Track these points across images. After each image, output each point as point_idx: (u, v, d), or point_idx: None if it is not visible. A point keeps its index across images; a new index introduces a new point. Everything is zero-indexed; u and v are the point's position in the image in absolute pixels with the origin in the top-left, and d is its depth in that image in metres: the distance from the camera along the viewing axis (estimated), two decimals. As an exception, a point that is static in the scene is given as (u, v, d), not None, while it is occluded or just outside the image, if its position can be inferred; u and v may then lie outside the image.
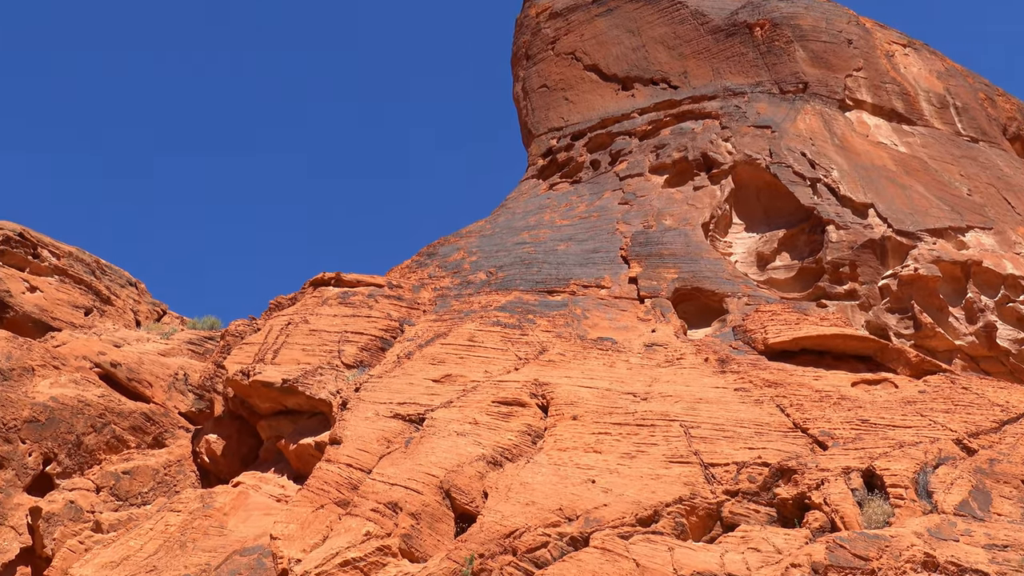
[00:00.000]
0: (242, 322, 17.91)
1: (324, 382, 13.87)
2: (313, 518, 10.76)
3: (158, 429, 18.30)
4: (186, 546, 12.96)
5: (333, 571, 9.40)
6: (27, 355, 17.66)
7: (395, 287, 16.49)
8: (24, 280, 22.04)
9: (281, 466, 14.50)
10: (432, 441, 11.12)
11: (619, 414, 11.48)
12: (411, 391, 12.65)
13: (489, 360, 13.39)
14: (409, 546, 9.74)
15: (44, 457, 16.54)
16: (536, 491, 9.82)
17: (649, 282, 15.89)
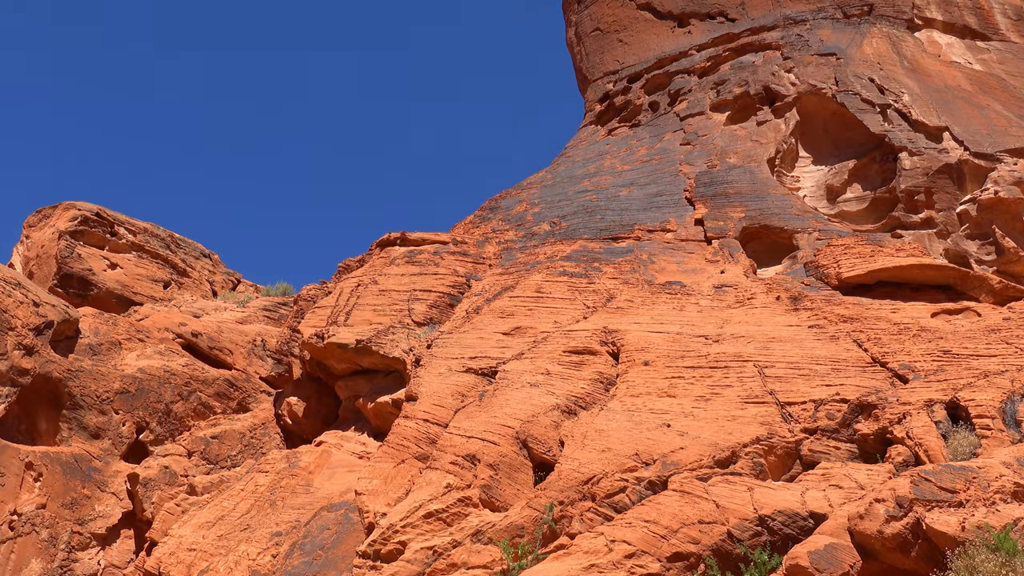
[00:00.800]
0: (313, 286, 18.27)
1: (396, 341, 14.10)
2: (395, 473, 11.04)
3: (241, 394, 18.91)
4: (276, 504, 13.45)
5: (417, 523, 9.65)
6: (113, 330, 18.36)
7: (460, 243, 16.57)
8: (104, 258, 22.83)
9: (361, 424, 14.86)
10: (506, 393, 11.24)
11: (691, 357, 11.41)
12: (482, 345, 12.77)
13: (558, 310, 13.41)
14: (489, 496, 9.92)
15: (137, 426, 17.29)
16: (611, 437, 9.87)
17: (716, 223, 15.64)
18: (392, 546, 9.57)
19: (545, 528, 9.19)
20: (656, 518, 8.48)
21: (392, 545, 9.57)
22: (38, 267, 22.31)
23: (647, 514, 8.58)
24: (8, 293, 16.53)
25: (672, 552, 8.19)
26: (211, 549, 13.14)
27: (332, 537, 11.82)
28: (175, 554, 13.51)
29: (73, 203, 23.36)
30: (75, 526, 15.76)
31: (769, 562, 7.90)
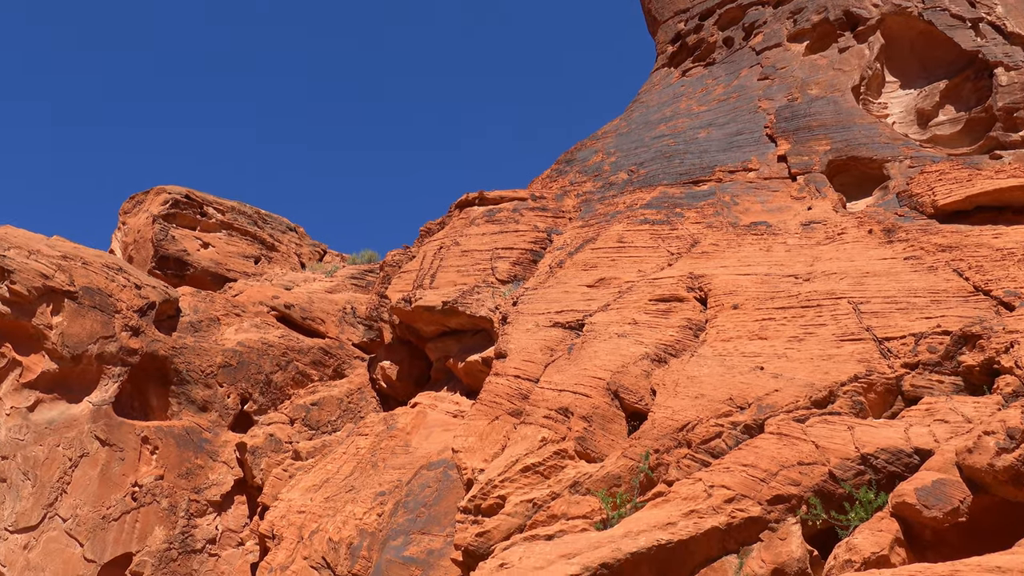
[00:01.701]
0: (397, 252, 18.55)
1: (482, 300, 14.22)
2: (490, 429, 11.21)
3: (336, 361, 19.45)
4: (377, 465, 13.86)
5: (515, 477, 9.80)
6: (211, 306, 19.07)
7: (538, 198, 16.52)
8: (197, 238, 23.65)
9: (453, 384, 15.12)
10: (594, 345, 11.24)
11: (782, 298, 11.16)
12: (567, 299, 12.77)
13: (641, 259, 13.28)
14: (584, 448, 9.99)
15: (241, 397, 18.00)
16: (704, 383, 9.78)
17: (800, 158, 15.15)
18: (492, 500, 9.75)
19: (642, 477, 9.21)
20: (754, 462, 8.40)
21: (492, 500, 9.76)
22: (136, 251, 23.27)
23: (745, 458, 8.50)
24: (111, 278, 17.31)
25: (772, 495, 8.11)
26: (319, 511, 13.66)
27: (433, 494, 12.13)
28: (286, 517, 14.10)
29: (163, 187, 24.21)
30: (192, 494, 16.60)
31: (875, 500, 7.75)
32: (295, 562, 13.09)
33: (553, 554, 8.21)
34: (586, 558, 7.89)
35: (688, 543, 8.02)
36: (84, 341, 16.26)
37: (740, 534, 8.08)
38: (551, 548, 8.42)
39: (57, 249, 17.23)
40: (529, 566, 8.08)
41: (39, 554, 14.88)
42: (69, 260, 16.95)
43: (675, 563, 8.01)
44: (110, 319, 16.75)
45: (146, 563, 15.63)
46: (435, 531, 11.54)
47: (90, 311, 16.54)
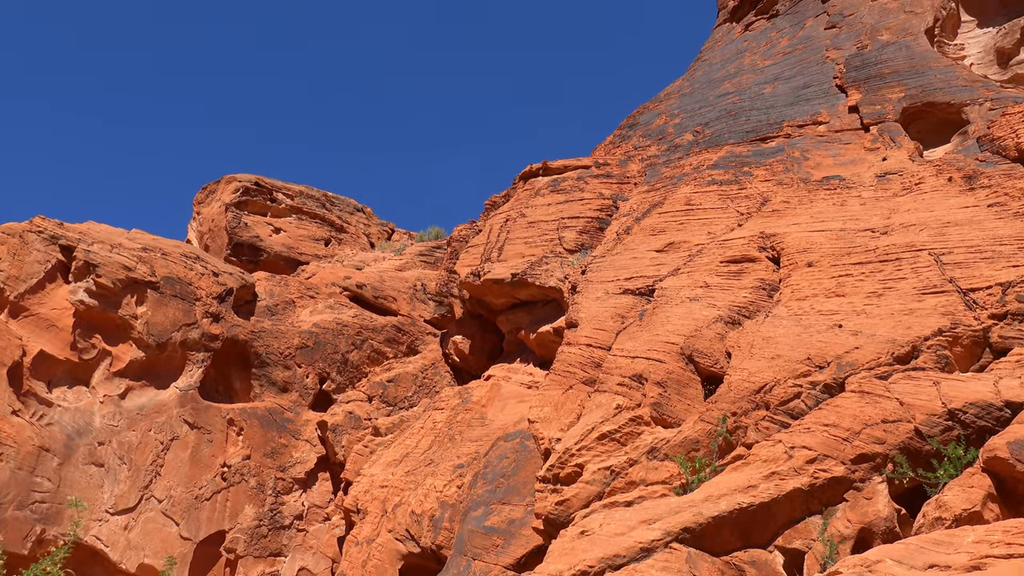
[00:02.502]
0: (464, 227, 18.62)
1: (550, 270, 14.19)
2: (564, 399, 11.23)
3: (409, 338, 19.70)
4: (455, 438, 14.03)
5: (592, 445, 9.81)
6: (285, 290, 19.49)
7: (602, 165, 16.36)
8: (268, 224, 24.15)
9: (525, 355, 15.17)
10: (666, 310, 11.12)
11: (858, 253, 10.85)
12: (636, 265, 12.65)
13: (710, 221, 13.05)
14: (660, 413, 9.93)
15: (319, 377, 18.41)
16: (780, 344, 9.60)
17: (872, 107, 14.63)
18: (570, 469, 9.79)
19: (720, 440, 9.12)
20: (836, 421, 8.23)
21: (570, 468, 9.79)
22: (211, 240, 23.90)
23: (826, 418, 8.33)
24: (190, 267, 17.83)
25: (856, 454, 7.94)
26: (401, 484, 13.92)
27: (511, 465, 12.23)
28: (369, 491, 14.42)
29: (234, 176, 24.75)
30: (278, 473, 17.10)
31: (964, 456, 7.52)
32: (380, 535, 13.39)
33: (633, 520, 8.21)
34: (667, 523, 7.87)
35: (770, 505, 7.92)
36: (168, 329, 16.82)
37: (823, 495, 7.94)
38: (631, 514, 8.42)
39: (137, 242, 17.81)
40: (610, 532, 8.09)
41: (138, 534, 15.56)
42: (149, 252, 17.51)
43: (757, 525, 7.93)
44: (191, 307, 17.28)
45: (239, 540, 16.20)
46: (515, 501, 11.65)
47: (172, 300, 17.09)
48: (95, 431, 15.88)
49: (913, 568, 5.60)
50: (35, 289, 16.38)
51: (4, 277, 16.09)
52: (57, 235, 16.92)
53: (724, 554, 7.83)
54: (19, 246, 16.48)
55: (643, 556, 7.59)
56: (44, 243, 16.73)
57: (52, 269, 16.65)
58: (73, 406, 15.99)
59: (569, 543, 8.26)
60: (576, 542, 8.18)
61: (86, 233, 17.31)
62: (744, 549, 7.86)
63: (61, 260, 16.78)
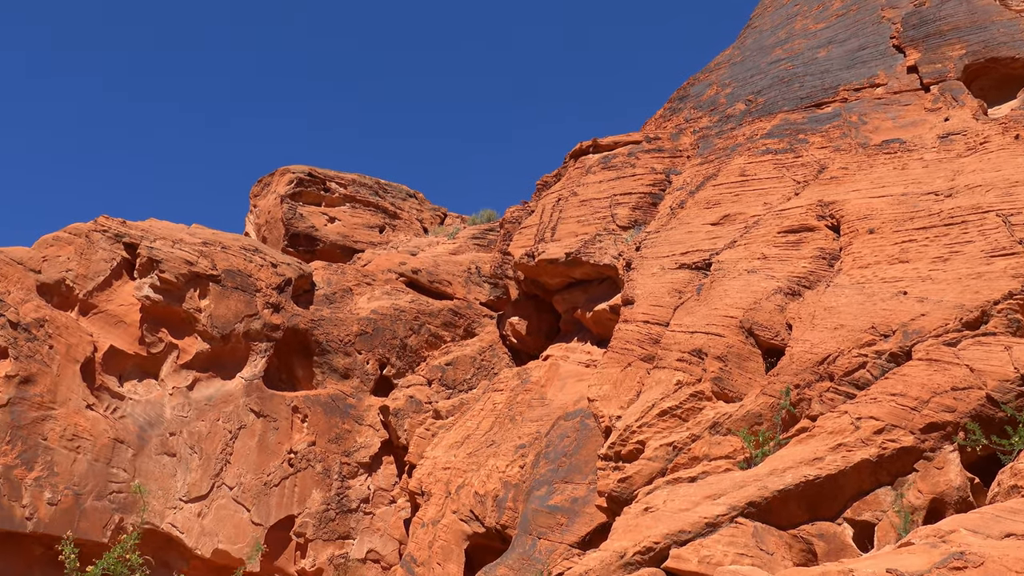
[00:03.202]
0: (516, 208, 18.61)
1: (604, 248, 14.12)
2: (623, 376, 11.19)
3: (465, 321, 19.82)
4: (515, 419, 14.11)
5: (653, 422, 9.76)
6: (342, 278, 19.76)
7: (653, 139, 16.17)
8: (323, 213, 24.46)
9: (583, 334, 15.14)
10: (723, 283, 10.98)
11: (922, 217, 10.54)
12: (691, 239, 12.51)
13: (766, 191, 12.82)
14: (721, 388, 9.83)
15: (379, 362, 18.66)
16: (843, 313, 9.41)
17: (932, 66, 14.16)
18: (631, 446, 9.76)
19: (783, 413, 8.99)
20: (903, 390, 8.04)
21: (631, 445, 9.77)
22: (268, 231, 24.31)
23: (893, 387, 8.16)
24: (249, 259, 18.17)
25: (926, 423, 7.76)
26: (463, 466, 14.06)
27: (573, 444, 12.26)
28: (432, 473, 14.59)
29: (287, 168, 25.09)
30: (343, 458, 17.41)
31: (1040, 422, 7.30)
32: (445, 516, 13.56)
33: (697, 495, 8.16)
34: (732, 498, 7.80)
35: (837, 477, 7.80)
36: (231, 321, 17.19)
37: (893, 465, 7.79)
38: (695, 490, 8.37)
39: (197, 236, 18.21)
40: (674, 508, 8.06)
41: (211, 520, 16.01)
42: (209, 246, 17.88)
43: (825, 498, 7.82)
44: (252, 298, 17.63)
45: (308, 524, 16.56)
46: (577, 479, 11.68)
47: (233, 292, 17.45)
48: (166, 422, 16.36)
49: (989, 537, 5.46)
50: (102, 286, 16.88)
51: (73, 276, 16.61)
52: (121, 233, 17.39)
53: (791, 528, 7.74)
54: (85, 246, 16.98)
55: (709, 531, 7.54)
56: (109, 241, 17.21)
57: (117, 266, 17.13)
58: (144, 399, 16.48)
59: (633, 520, 8.25)
60: (640, 519, 8.16)
61: (148, 230, 17.76)
62: (812, 522, 7.76)
63: (126, 257, 17.26)
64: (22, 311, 15.54)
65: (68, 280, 16.54)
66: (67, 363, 15.64)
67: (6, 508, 14.34)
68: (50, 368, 15.41)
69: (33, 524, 14.52)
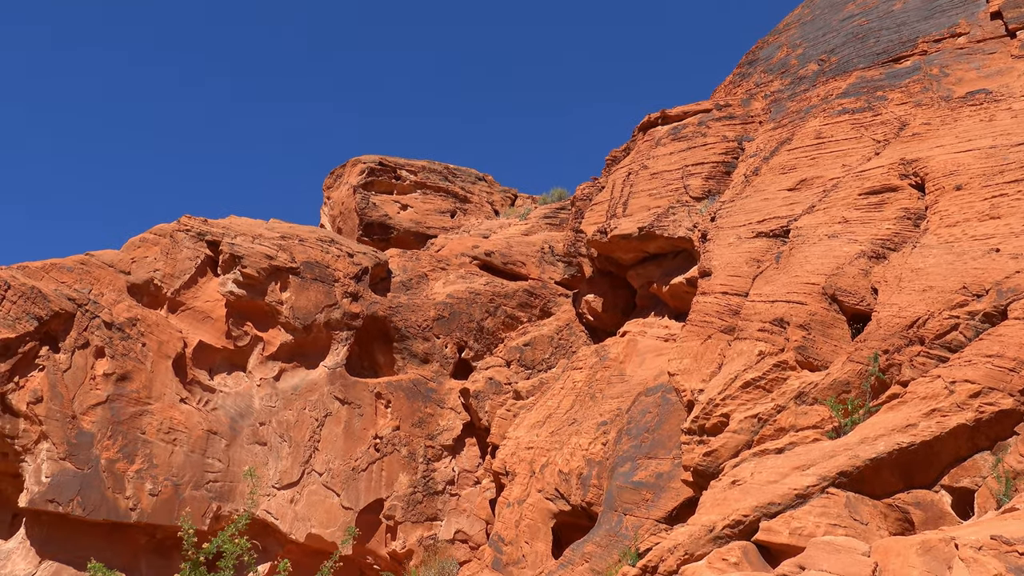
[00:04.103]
0: (586, 185, 18.49)
1: (678, 220, 13.91)
2: (703, 349, 11.03)
3: (541, 301, 19.83)
4: (595, 396, 14.07)
5: (736, 394, 9.61)
6: (417, 264, 19.97)
7: (723, 107, 15.82)
8: (395, 201, 24.74)
9: (659, 309, 14.99)
10: (803, 250, 10.71)
11: (1013, 170, 10.06)
12: (768, 207, 12.22)
13: (844, 153, 12.42)
14: (806, 357, 9.60)
15: (457, 346, 18.83)
16: (931, 274, 9.07)
17: (1018, 10, 13.45)
18: (715, 419, 9.64)
19: (872, 380, 8.74)
20: (1000, 351, 7.72)
21: (715, 419, 9.64)
22: (343, 222, 24.72)
23: (988, 348, 7.84)
24: (326, 250, 18.52)
25: (1026, 384, 7.44)
26: (546, 445, 14.11)
27: (654, 419, 12.17)
28: (516, 454, 14.69)
29: (358, 158, 25.44)
30: (427, 441, 17.67)
31: None
32: (530, 495, 13.64)
33: (786, 467, 8.01)
34: (822, 468, 7.64)
35: (932, 444, 7.56)
36: (312, 311, 17.58)
37: (991, 429, 7.51)
38: (783, 461, 8.21)
39: (275, 231, 18.63)
40: (762, 481, 7.93)
41: (304, 506, 16.47)
42: (287, 239, 18.28)
43: (919, 465, 7.59)
44: (331, 288, 17.98)
45: (396, 507, 16.88)
46: (661, 455, 11.60)
47: (312, 283, 17.82)
48: (255, 412, 16.86)
49: (1100, 501, 5.22)
50: (188, 284, 17.45)
51: (160, 276, 17.21)
52: (203, 231, 17.92)
53: (886, 496, 7.55)
54: (170, 245, 17.55)
55: (799, 503, 7.40)
56: (192, 240, 17.76)
57: (202, 264, 17.67)
58: (233, 390, 17.01)
59: (721, 493, 8.15)
60: (728, 492, 8.06)
61: (229, 227, 18.25)
62: (907, 490, 7.55)
63: (209, 255, 17.79)
64: (115, 311, 16.18)
65: (156, 279, 17.14)
66: (160, 359, 16.24)
67: (111, 500, 15.01)
68: (144, 365, 16.03)
69: (137, 514, 15.18)
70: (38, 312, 15.23)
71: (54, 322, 15.43)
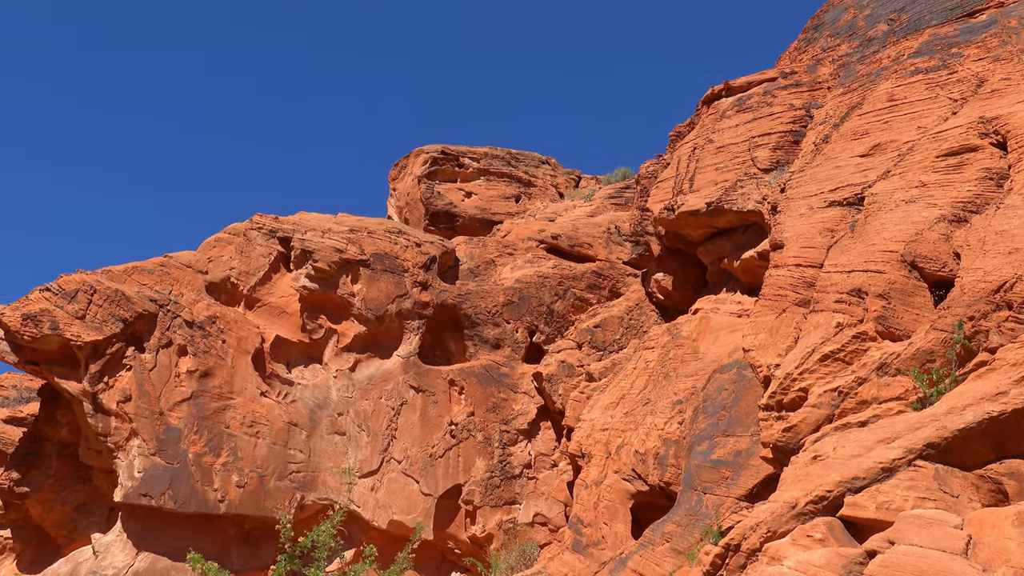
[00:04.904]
0: (650, 162, 18.26)
1: (747, 193, 13.64)
2: (778, 323, 10.81)
3: (609, 282, 19.70)
4: (669, 376, 13.94)
5: (814, 367, 9.39)
6: (484, 251, 20.04)
7: (789, 74, 15.42)
8: (459, 189, 24.85)
9: (731, 284, 14.74)
10: (879, 217, 10.38)
11: (1102, 122, 9.58)
12: (840, 175, 11.88)
13: (918, 114, 11.98)
14: (886, 327, 9.33)
15: (528, 330, 18.86)
16: (1017, 236, 8.69)
17: (1101, -46, 12.76)
18: (794, 394, 9.44)
19: (958, 348, 8.43)
20: (1096, 313, 7.37)
21: (793, 393, 9.45)
22: (409, 212, 24.94)
23: (1083, 310, 7.48)
24: (394, 241, 18.72)
25: (1125, 346, 7.08)
26: (621, 426, 14.05)
27: (730, 396, 11.99)
28: (591, 435, 14.66)
29: (421, 148, 25.62)
30: (501, 426, 17.77)
31: None
32: (607, 476, 13.61)
33: (869, 440, 7.80)
34: (908, 440, 7.41)
35: (1025, 412, 7.26)
36: (383, 302, 17.82)
37: (1089, 394, 7.16)
38: (866, 434, 8.00)
39: (344, 224, 18.91)
40: (845, 455, 7.75)
41: (384, 493, 16.76)
42: (356, 232, 18.54)
43: (1011, 434, 7.30)
44: (400, 279, 18.18)
45: (474, 491, 17.04)
46: (739, 432, 11.43)
47: (382, 275, 18.05)
48: (333, 403, 17.20)
49: None
50: (263, 281, 17.86)
51: (236, 273, 17.65)
52: (275, 229, 18.29)
53: (977, 467, 7.28)
54: (244, 244, 17.98)
55: (885, 476, 7.20)
56: (264, 237, 18.16)
57: (275, 260, 18.06)
58: (311, 383, 17.38)
59: (802, 469, 7.99)
60: (810, 468, 7.90)
61: (299, 223, 18.59)
62: (999, 460, 7.27)
63: (281, 251, 18.16)
64: (195, 310, 16.67)
65: (232, 278, 17.58)
66: (239, 355, 16.68)
67: (200, 492, 15.52)
68: (225, 361, 16.48)
69: (225, 506, 15.66)
70: (123, 314, 15.78)
71: (138, 323, 15.98)
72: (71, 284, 15.76)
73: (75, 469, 16.71)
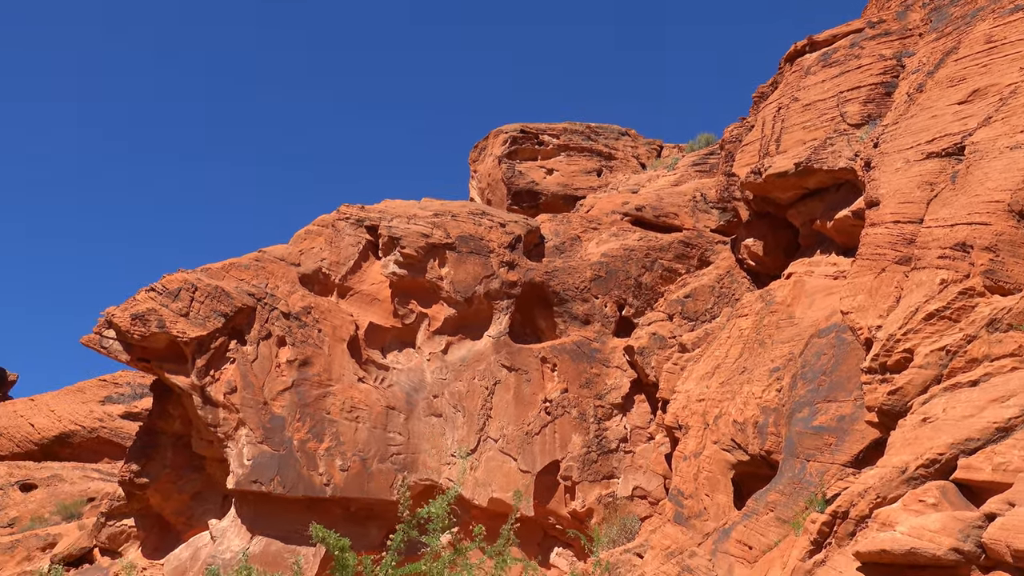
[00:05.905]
0: (734, 126, 17.83)
1: (838, 151, 13.19)
2: (877, 283, 10.45)
3: (697, 251, 19.38)
4: (764, 343, 13.65)
5: (919, 327, 9.05)
6: (568, 227, 19.97)
7: (876, 24, 14.78)
8: (540, 167, 24.79)
9: (825, 246, 14.31)
10: (982, 166, 9.89)
11: None
12: (937, 124, 11.35)
13: (1020, 55, 11.31)
14: (995, 281, 8.90)
15: (616, 304, 18.74)
16: None
17: None
18: (898, 356, 9.12)
19: (1076, 299, 8.00)
20: None
21: (897, 355, 9.12)
22: (492, 193, 25.03)
23: None
24: (478, 222, 18.84)
25: None
26: (717, 396, 13.85)
27: (830, 361, 11.67)
28: (687, 407, 14.51)
29: (500, 128, 25.63)
30: (596, 401, 17.75)
31: None
32: (706, 448, 13.46)
33: (982, 400, 7.49)
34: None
35: None
36: (471, 284, 17.97)
37: None
38: (978, 394, 7.68)
39: (428, 209, 19.12)
40: (956, 416, 7.46)
41: (483, 472, 16.98)
42: (440, 216, 18.73)
43: None
44: (486, 259, 18.29)
45: (572, 467, 17.11)
46: (841, 397, 11.12)
47: (468, 256, 18.19)
48: (428, 386, 17.49)
49: None
50: (353, 269, 18.24)
51: (328, 264, 18.07)
52: (362, 218, 18.64)
53: (1103, 424, 6.91)
54: (333, 235, 18.38)
55: (1000, 436, 6.91)
56: (352, 227, 18.52)
57: (364, 249, 18.41)
58: (406, 367, 17.70)
59: (911, 432, 7.73)
60: (919, 430, 7.64)
61: (384, 211, 18.89)
62: None
63: (369, 239, 18.50)
64: (290, 302, 17.16)
65: (323, 268, 18.02)
66: (335, 343, 17.11)
67: (307, 477, 16.04)
68: (322, 349, 16.94)
69: (331, 489, 16.16)
70: (223, 309, 16.37)
71: (238, 317, 16.56)
72: (174, 283, 16.43)
73: (189, 459, 17.49)
